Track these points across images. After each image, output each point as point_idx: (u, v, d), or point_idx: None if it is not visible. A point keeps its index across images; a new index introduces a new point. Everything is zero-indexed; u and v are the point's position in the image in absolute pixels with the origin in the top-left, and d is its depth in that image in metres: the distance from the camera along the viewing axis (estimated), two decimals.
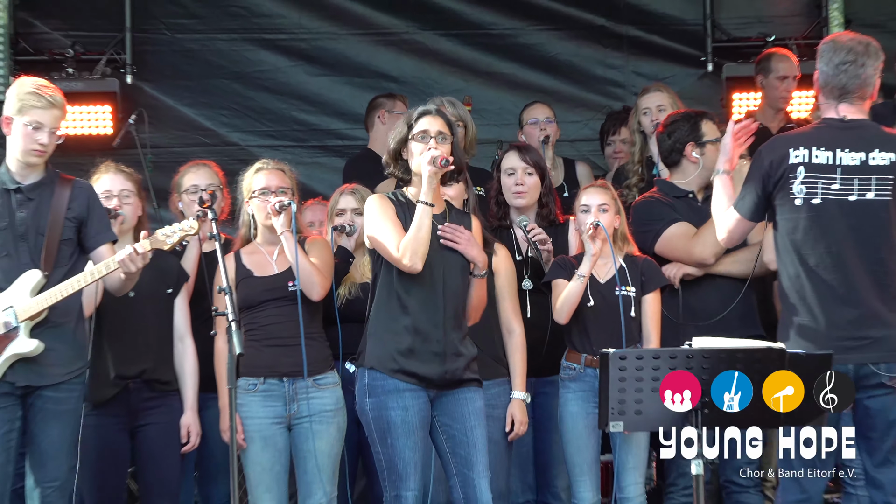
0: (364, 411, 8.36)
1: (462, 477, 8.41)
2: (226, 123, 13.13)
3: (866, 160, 7.69)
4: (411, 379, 8.30)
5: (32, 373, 8.09)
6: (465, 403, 8.39)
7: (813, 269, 7.94)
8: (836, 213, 7.83)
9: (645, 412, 7.58)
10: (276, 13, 13.31)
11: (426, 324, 8.24)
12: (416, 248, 8.13)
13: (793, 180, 7.91)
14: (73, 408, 8.23)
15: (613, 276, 8.99)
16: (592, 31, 13.38)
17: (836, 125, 7.87)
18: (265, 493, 8.75)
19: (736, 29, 13.41)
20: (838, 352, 7.67)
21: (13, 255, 8.21)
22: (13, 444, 8.16)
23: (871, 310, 7.83)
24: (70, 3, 13.33)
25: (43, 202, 8.23)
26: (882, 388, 7.86)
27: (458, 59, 13.27)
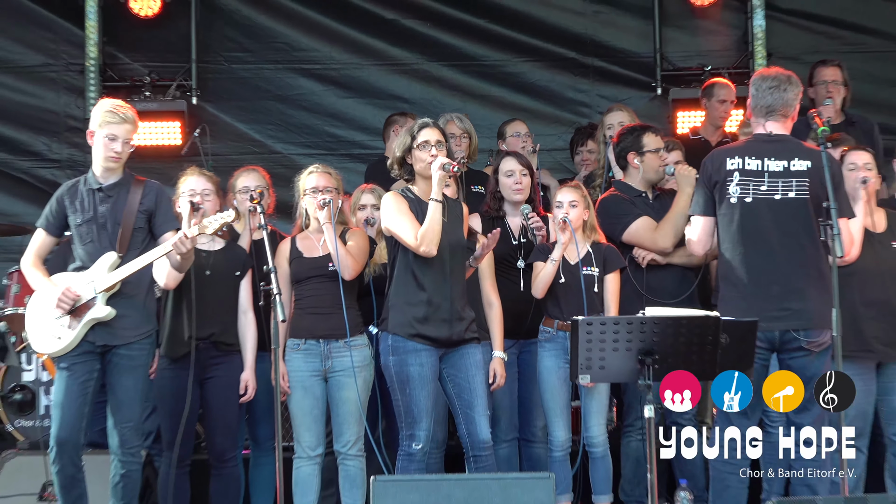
0: (387, 367, 8.52)
1: (466, 416, 8.63)
2: (271, 136, 13.22)
3: (788, 167, 8.00)
4: (425, 341, 8.43)
5: (108, 334, 8.31)
6: (467, 357, 8.58)
7: (746, 254, 8.13)
8: (765, 209, 8.09)
9: (607, 367, 7.81)
10: (311, 47, 13.32)
11: (437, 297, 8.42)
12: (432, 238, 8.30)
13: (729, 183, 8.16)
14: (143, 363, 8.49)
15: (583, 258, 9.02)
16: (565, 62, 13.37)
17: (764, 139, 8.21)
18: (305, 431, 8.89)
19: (679, 60, 13.47)
20: (767, 321, 7.91)
21: (95, 241, 8.42)
22: (90, 391, 8.34)
23: (793, 286, 7.98)
24: (147, 39, 13.32)
25: (120, 199, 8.48)
26: (801, 350, 8.02)
27: (457, 85, 13.25)
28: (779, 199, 8.05)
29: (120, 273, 8.28)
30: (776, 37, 13.11)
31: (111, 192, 8.48)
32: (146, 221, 8.49)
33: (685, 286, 9.44)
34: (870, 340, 8.67)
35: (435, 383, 8.57)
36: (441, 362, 8.59)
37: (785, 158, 8.07)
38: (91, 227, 8.43)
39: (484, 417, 8.63)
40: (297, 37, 13.41)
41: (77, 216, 8.46)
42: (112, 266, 8.32)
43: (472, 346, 8.65)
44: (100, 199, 8.44)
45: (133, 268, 8.30)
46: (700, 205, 8.32)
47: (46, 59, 13.33)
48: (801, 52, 12.38)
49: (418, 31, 13.40)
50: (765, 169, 8.08)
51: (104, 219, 8.41)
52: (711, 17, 13.51)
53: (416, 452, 8.49)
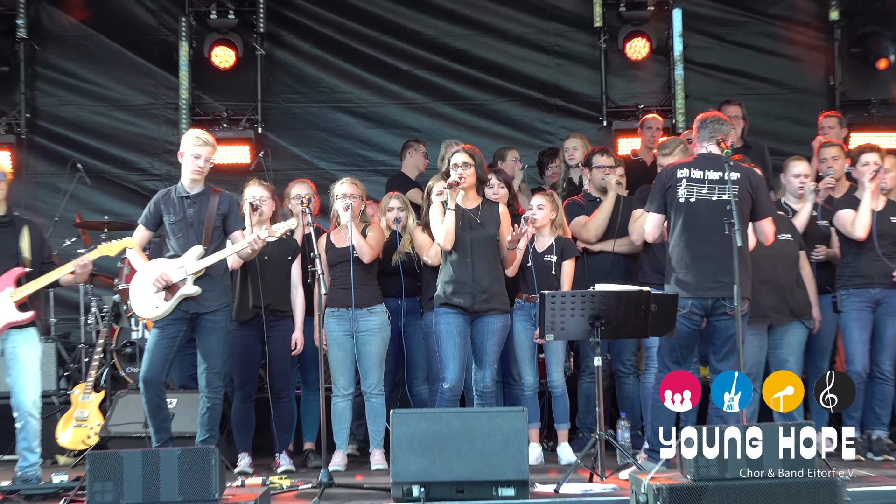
0: (434, 323, 8.66)
1: (478, 367, 8.71)
2: (316, 156, 13.05)
3: (723, 176, 7.84)
4: (453, 308, 8.53)
5: (197, 305, 8.27)
6: (486, 325, 8.61)
7: (690, 241, 8.01)
8: (705, 208, 7.99)
9: (566, 328, 7.92)
10: (346, 91, 13.16)
11: (463, 276, 8.50)
12: (445, 237, 8.46)
13: (679, 187, 8.04)
14: (223, 325, 8.40)
15: (546, 248, 8.92)
16: (535, 101, 13.18)
17: (706, 156, 8.13)
18: (340, 376, 8.98)
19: (620, 100, 13.26)
20: (703, 291, 7.94)
21: (185, 237, 8.34)
22: (175, 346, 8.32)
23: (722, 265, 7.75)
24: (225, 85, 13.20)
25: (203, 204, 8.40)
26: (725, 315, 7.86)
27: (455, 118, 13.02)
28: (715, 200, 7.92)
29: (206, 261, 8.24)
30: (691, 83, 12.96)
31: (196, 199, 8.39)
32: (222, 222, 8.39)
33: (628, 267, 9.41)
34: (764, 309, 8.58)
35: (461, 339, 8.56)
36: (471, 325, 8.60)
37: (721, 170, 7.94)
38: (181, 226, 8.35)
39: (490, 370, 8.67)
40: (336, 83, 13.24)
41: (170, 216, 8.38)
42: (199, 256, 8.25)
43: (493, 316, 8.60)
44: (187, 204, 8.36)
45: (216, 258, 8.29)
46: (655, 204, 8.17)
47: (150, 100, 13.21)
48: (710, 95, 12.22)
49: (426, 79, 13.24)
50: (705, 178, 7.98)
51: (191, 219, 8.33)
52: (643, 68, 13.33)
53: (446, 392, 8.48)
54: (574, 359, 9.76)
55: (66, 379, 10.94)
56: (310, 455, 9.32)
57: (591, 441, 7.84)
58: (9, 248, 8.16)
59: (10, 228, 8.24)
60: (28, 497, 7.52)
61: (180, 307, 8.26)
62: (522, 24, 13.38)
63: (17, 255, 8.16)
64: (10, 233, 8.22)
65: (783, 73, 13.36)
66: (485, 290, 8.53)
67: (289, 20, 13.38)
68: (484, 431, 6.94)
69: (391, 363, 9.41)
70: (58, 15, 13.20)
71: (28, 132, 12.99)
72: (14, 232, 8.23)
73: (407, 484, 6.87)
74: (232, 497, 6.18)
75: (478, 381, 8.73)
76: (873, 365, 8.77)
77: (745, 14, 13.40)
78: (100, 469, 6.04)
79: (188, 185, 8.41)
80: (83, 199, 12.50)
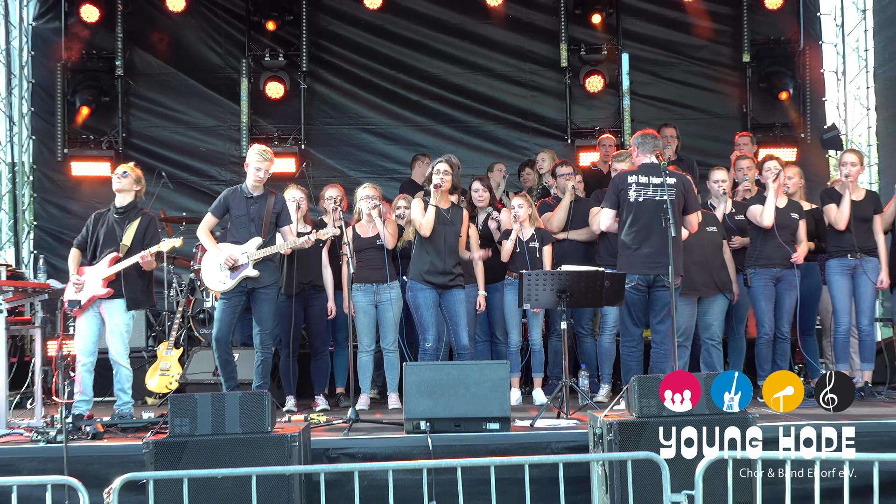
0: (410, 298, 8.69)
1: (453, 331, 8.74)
2: (347, 167, 13.03)
3: (664, 181, 7.77)
4: (428, 284, 8.59)
5: (253, 282, 8.24)
6: (454, 296, 8.68)
7: (637, 231, 7.96)
8: (650, 206, 7.92)
9: (539, 300, 7.99)
10: (370, 115, 13.16)
11: (435, 259, 8.56)
12: (427, 225, 8.53)
13: (629, 190, 8.01)
14: (272, 297, 8.35)
15: (529, 237, 8.88)
16: (515, 124, 13.14)
17: (648, 165, 8.05)
18: (364, 336, 8.91)
19: (581, 123, 13.20)
20: (647, 269, 7.92)
21: (247, 229, 8.30)
22: (237, 312, 8.35)
23: (662, 250, 7.72)
24: (275, 111, 13.22)
25: (262, 204, 8.35)
26: (664, 287, 7.84)
27: (452, 137, 12.94)
28: (657, 200, 7.87)
29: (264, 252, 8.21)
30: (636, 110, 12.92)
31: (257, 200, 8.33)
32: (275, 218, 8.32)
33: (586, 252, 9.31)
34: (695, 284, 8.51)
35: (436, 309, 8.63)
36: (441, 298, 8.61)
37: (661, 176, 7.88)
38: (244, 220, 8.29)
39: (464, 331, 8.68)
40: (362, 109, 13.21)
41: (235, 211, 8.34)
42: (258, 245, 8.21)
43: (458, 290, 8.67)
44: (250, 203, 8.30)
45: (272, 250, 8.26)
46: (609, 202, 8.12)
47: (218, 123, 13.18)
48: (651, 119, 12.11)
49: (431, 107, 13.19)
50: (650, 182, 7.93)
51: (253, 215, 8.28)
52: (599, 98, 13.26)
53: (429, 349, 8.54)
54: (545, 323, 9.73)
55: (154, 338, 10.93)
56: (341, 397, 9.29)
57: (558, 387, 7.85)
58: (116, 235, 8.12)
59: (123, 217, 8.18)
60: (123, 429, 7.48)
61: (241, 284, 8.23)
62: (505, 65, 13.34)
63: (118, 241, 8.11)
64: (122, 222, 8.16)
65: (707, 103, 13.35)
66: (449, 271, 8.60)
67: (325, 62, 13.35)
68: (475, 379, 6.93)
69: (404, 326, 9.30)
70: (147, 57, 13.28)
71: (124, 148, 13.02)
72: (125, 222, 8.16)
73: (416, 420, 6.87)
74: (280, 430, 6.12)
75: (455, 343, 8.73)
76: (776, 328, 8.75)
77: (677, 57, 13.40)
78: (179, 408, 6.00)
79: (251, 188, 8.35)
80: (166, 199, 12.47)
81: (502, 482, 5.57)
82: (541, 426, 7.15)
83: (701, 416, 5.93)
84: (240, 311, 8.39)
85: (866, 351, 8.90)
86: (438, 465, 5.67)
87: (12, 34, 13.09)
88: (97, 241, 8.19)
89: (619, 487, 5.67)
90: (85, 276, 8.05)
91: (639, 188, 7.98)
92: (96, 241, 8.19)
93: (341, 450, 6.66)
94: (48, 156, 13.00)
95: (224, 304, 8.32)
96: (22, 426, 7.61)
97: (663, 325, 7.98)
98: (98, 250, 8.16)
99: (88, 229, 8.26)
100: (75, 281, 8.01)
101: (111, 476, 5.27)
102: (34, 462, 6.51)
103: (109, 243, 8.13)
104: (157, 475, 5.42)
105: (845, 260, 8.77)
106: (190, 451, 5.84)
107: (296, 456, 5.89)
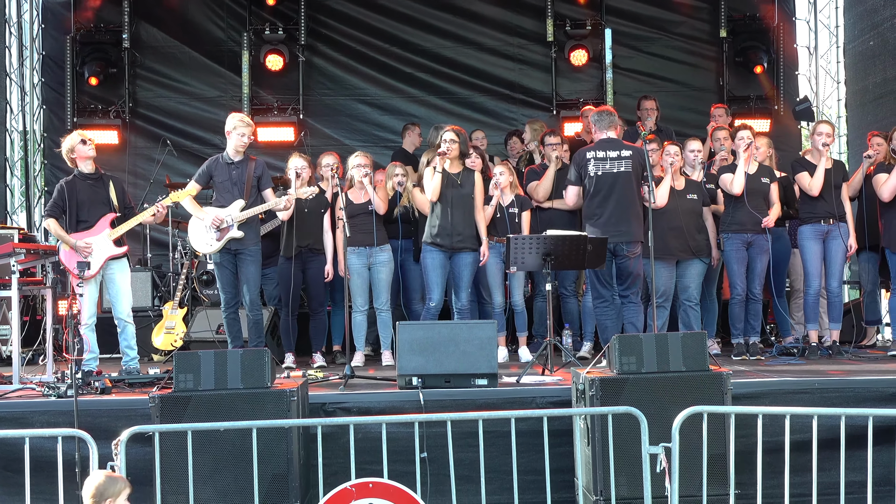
0: (421, 258, 8.77)
1: (455, 292, 8.76)
2: (343, 135, 13.02)
3: (620, 154, 7.97)
4: (436, 246, 8.63)
5: (238, 243, 8.28)
6: (461, 259, 8.68)
7: (600, 202, 8.10)
8: (609, 178, 8.09)
9: (526, 262, 7.95)
10: (365, 87, 13.09)
11: (444, 222, 8.58)
12: (433, 192, 8.54)
13: (589, 164, 8.11)
14: (257, 258, 8.41)
15: (510, 203, 8.90)
16: (504, 96, 13.05)
17: (606, 140, 8.20)
18: (358, 297, 8.88)
19: (566, 95, 13.12)
20: (611, 236, 7.98)
21: (230, 193, 8.34)
22: (234, 271, 8.34)
23: (623, 219, 7.97)
24: (275, 83, 13.15)
25: (243, 169, 8.37)
26: (625, 258, 8.05)
27: (443, 108, 12.83)
28: (615, 172, 8.01)
29: (247, 213, 8.22)
30: (618, 83, 12.78)
31: (238, 165, 8.34)
32: (257, 182, 8.34)
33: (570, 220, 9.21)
34: (672, 249, 8.47)
35: (442, 270, 8.64)
36: (450, 260, 8.63)
37: (618, 150, 8.07)
38: (227, 185, 8.32)
39: (465, 293, 8.71)
40: (357, 81, 13.14)
41: (218, 177, 8.38)
42: (241, 208, 8.23)
43: (466, 253, 8.64)
44: (231, 168, 8.33)
45: (254, 211, 8.26)
46: (574, 180, 8.23)
47: (220, 93, 13.10)
48: (633, 92, 12.05)
49: (423, 79, 13.12)
50: (607, 157, 8.03)
51: (235, 180, 8.30)
52: (583, 72, 13.20)
53: (432, 308, 8.65)
54: (531, 284, 9.72)
55: (159, 298, 10.90)
56: (337, 354, 9.27)
57: (543, 345, 7.84)
58: (101, 197, 7.99)
59: (100, 182, 8.04)
60: (130, 384, 7.47)
61: (227, 246, 8.26)
62: (494, 39, 13.25)
63: (109, 202, 7.98)
64: (100, 186, 8.02)
65: (685, 76, 13.31)
66: (460, 233, 8.57)
67: (323, 35, 13.24)
68: (465, 338, 6.92)
69: (393, 287, 9.29)
70: (152, 31, 13.21)
71: (130, 117, 12.98)
72: (103, 185, 8.04)
73: (408, 376, 6.85)
74: (280, 385, 6.12)
75: (455, 303, 8.74)
76: (748, 289, 8.74)
77: (658, 32, 13.34)
78: (183, 364, 5.99)
79: (232, 155, 8.36)
80: (171, 166, 12.38)
81: (490, 435, 5.66)
82: (526, 382, 7.12)
83: (679, 373, 5.97)
84: (235, 271, 8.36)
85: (835, 312, 8.92)
86: (429, 418, 5.67)
87: (23, 8, 13.13)
88: (77, 206, 7.95)
89: (601, 440, 5.68)
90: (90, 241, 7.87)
91: (597, 163, 8.08)
92: (76, 206, 7.95)
93: (337, 404, 6.65)
94: (58, 124, 12.89)
95: (218, 269, 8.41)
96: (34, 381, 7.58)
97: (629, 290, 8.12)
98: (81, 215, 7.96)
99: (64, 197, 7.94)
100: (84, 245, 7.79)
101: (119, 429, 5.30)
102: (46, 415, 6.51)
103: (95, 205, 7.97)
104: (163, 428, 5.46)
105: (818, 226, 8.74)
106: (194, 405, 5.84)
107: (294, 410, 5.88)
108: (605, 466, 5.59)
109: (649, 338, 6.14)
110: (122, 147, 12.86)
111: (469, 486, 5.72)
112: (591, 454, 5.82)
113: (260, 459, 5.34)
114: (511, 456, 5.44)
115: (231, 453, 5.64)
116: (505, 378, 7.29)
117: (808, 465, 5.40)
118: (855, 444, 5.45)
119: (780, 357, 8.62)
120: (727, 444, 5.53)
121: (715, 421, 5.45)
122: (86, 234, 7.89)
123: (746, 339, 8.78)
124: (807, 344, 8.77)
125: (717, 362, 6.82)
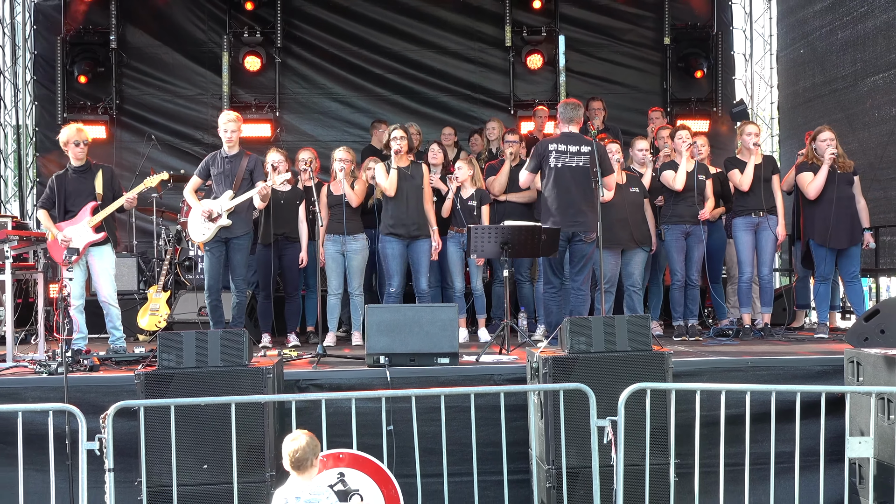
0: (379, 248, 8.71)
1: (414, 278, 8.76)
2: (317, 131, 13.02)
3: (579, 149, 7.83)
4: (394, 236, 8.60)
5: (228, 232, 8.28)
6: (418, 247, 8.67)
7: (558, 194, 7.96)
8: (567, 171, 7.96)
9: (485, 250, 7.98)
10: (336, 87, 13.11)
11: (400, 213, 8.56)
12: (391, 186, 8.51)
13: (550, 156, 7.98)
14: (245, 246, 8.41)
15: (469, 196, 8.88)
16: (466, 96, 13.09)
17: (568, 134, 8.05)
18: (333, 281, 8.87)
19: (523, 96, 13.20)
20: (566, 226, 7.93)
21: (222, 185, 8.35)
22: (221, 261, 8.37)
23: (579, 209, 7.87)
24: (253, 82, 13.12)
25: (236, 163, 8.37)
26: (581, 241, 7.95)
27: (409, 108, 12.81)
28: (574, 166, 7.90)
29: (234, 202, 8.22)
30: (571, 85, 12.78)
31: (232, 159, 8.34)
32: (249, 175, 8.31)
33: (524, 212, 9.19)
34: (618, 238, 8.49)
35: (401, 259, 8.61)
36: (407, 248, 8.60)
37: (577, 144, 7.94)
38: (221, 177, 8.34)
39: (424, 278, 8.69)
40: (329, 82, 13.08)
41: (214, 170, 8.36)
42: (230, 198, 8.22)
43: (422, 240, 8.64)
44: (225, 162, 8.35)
45: (240, 200, 8.23)
46: (532, 165, 8.09)
47: (201, 92, 13.01)
48: (584, 93, 11.89)
49: (391, 79, 13.07)
50: (568, 150, 7.93)
51: (228, 173, 8.31)
52: (538, 75, 13.23)
53: (392, 295, 8.59)
54: (489, 271, 9.73)
55: (144, 283, 10.86)
56: (310, 335, 9.22)
57: (500, 326, 7.86)
58: (87, 189, 7.91)
59: (87, 174, 7.95)
60: (117, 362, 7.41)
61: (217, 235, 8.25)
62: (457, 43, 13.25)
63: (92, 192, 7.89)
64: (87, 177, 7.94)
65: (632, 79, 13.37)
66: (415, 222, 8.57)
67: (298, 38, 13.20)
68: (428, 320, 6.89)
69: (367, 273, 9.28)
70: (138, 33, 13.10)
71: (117, 113, 12.92)
72: (90, 176, 7.95)
73: (376, 355, 6.83)
74: (256, 363, 6.08)
75: (416, 288, 8.73)
76: (686, 276, 8.80)
77: (607, 39, 13.39)
78: (167, 344, 5.93)
79: (227, 150, 8.38)
80: (155, 159, 12.27)
81: (451, 410, 5.69)
82: (485, 361, 7.11)
83: (624, 353, 6.00)
84: (223, 259, 8.36)
85: (766, 297, 8.99)
86: (395, 394, 5.69)
87: (17, 10, 12.99)
88: (65, 198, 7.91)
89: (553, 414, 5.70)
90: (70, 231, 7.78)
91: (558, 155, 7.96)
92: (64, 197, 7.91)
93: (310, 381, 6.63)
94: (49, 119, 12.78)
95: (208, 256, 8.37)
96: (26, 359, 7.51)
97: (580, 274, 8.02)
98: (68, 206, 7.91)
99: (54, 190, 7.93)
100: (63, 238, 7.70)
101: (106, 404, 5.26)
102: (37, 391, 6.46)
103: (80, 196, 7.90)
104: (147, 403, 5.42)
105: (749, 218, 8.81)
106: (176, 381, 5.78)
107: (270, 386, 5.84)
108: (557, 438, 5.63)
109: (598, 320, 6.13)
110: (109, 141, 12.75)
111: (432, 458, 5.71)
112: (544, 427, 5.83)
113: (238, 432, 5.36)
114: (471, 429, 5.44)
115: (211, 426, 5.58)
116: (465, 357, 7.28)
117: (742, 437, 5.45)
118: (784, 418, 5.51)
119: (717, 338, 8.69)
120: (668, 417, 5.53)
121: (657, 396, 5.46)
122: (70, 223, 7.85)
123: (686, 321, 8.85)
124: (741, 326, 8.84)
125: (660, 343, 6.85)
